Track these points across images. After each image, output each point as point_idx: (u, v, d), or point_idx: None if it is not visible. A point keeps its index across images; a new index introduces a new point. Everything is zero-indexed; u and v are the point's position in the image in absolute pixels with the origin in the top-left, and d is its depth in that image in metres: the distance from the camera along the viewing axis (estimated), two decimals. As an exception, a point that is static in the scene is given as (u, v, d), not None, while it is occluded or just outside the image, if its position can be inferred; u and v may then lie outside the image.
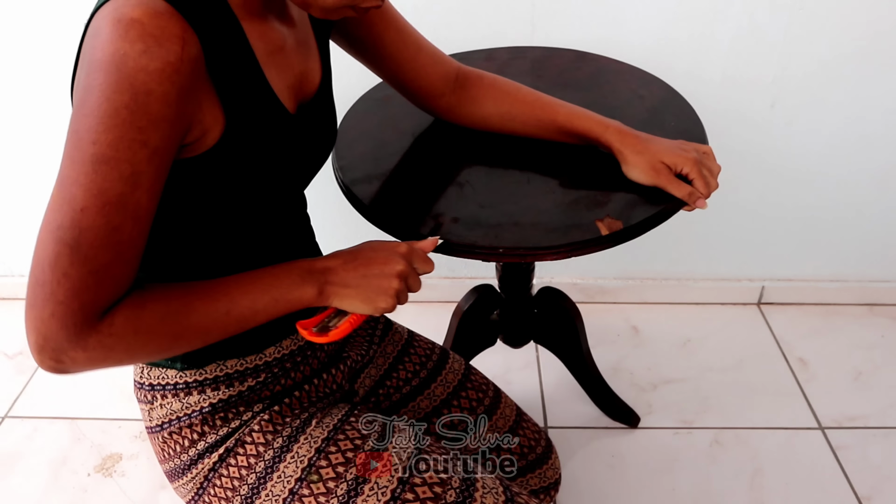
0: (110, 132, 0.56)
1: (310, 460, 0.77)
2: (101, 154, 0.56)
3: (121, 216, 0.58)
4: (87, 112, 0.56)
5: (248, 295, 0.67)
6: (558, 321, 1.39)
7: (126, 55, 0.55)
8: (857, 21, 1.40)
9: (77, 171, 0.57)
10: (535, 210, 0.86)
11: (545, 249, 0.81)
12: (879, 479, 1.39)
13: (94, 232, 0.57)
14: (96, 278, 0.58)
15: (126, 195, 0.58)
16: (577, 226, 0.83)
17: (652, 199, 0.86)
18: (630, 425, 1.49)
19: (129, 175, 0.57)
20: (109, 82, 0.56)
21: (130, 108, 0.56)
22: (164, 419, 0.80)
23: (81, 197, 0.57)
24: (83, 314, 0.59)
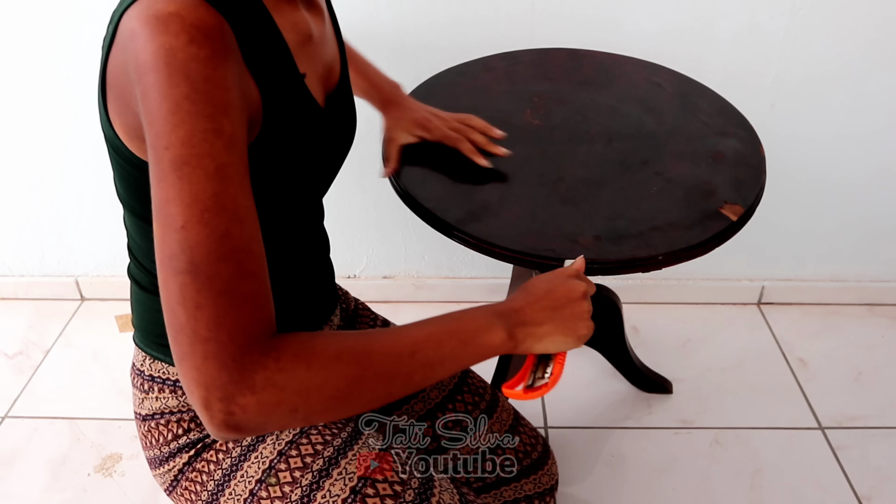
0: (179, 129, 0.52)
1: (271, 462, 0.77)
2: (178, 156, 0.52)
3: (224, 219, 0.53)
4: (151, 119, 0.53)
5: (433, 338, 0.61)
6: (603, 312, 1.40)
7: (173, 47, 0.53)
8: (858, 21, 1.40)
9: (163, 187, 0.53)
10: (659, 211, 0.87)
11: (697, 247, 0.83)
12: (879, 480, 1.39)
13: (204, 246, 0.52)
14: (230, 299, 0.52)
15: (219, 194, 0.53)
16: (708, 218, 0.85)
17: (749, 176, 0.90)
18: (668, 392, 1.54)
19: (215, 170, 0.53)
20: (162, 79, 0.52)
21: (192, 98, 0.52)
22: (156, 411, 0.80)
23: (177, 213, 0.52)
24: (237, 345, 0.52)
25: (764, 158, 0.92)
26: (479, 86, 1.14)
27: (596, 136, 1.00)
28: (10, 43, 1.50)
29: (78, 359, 1.72)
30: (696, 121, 0.99)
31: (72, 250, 1.82)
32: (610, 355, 1.49)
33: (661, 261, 0.81)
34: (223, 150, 0.53)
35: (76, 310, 1.86)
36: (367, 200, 1.64)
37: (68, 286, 1.87)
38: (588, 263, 0.75)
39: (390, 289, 1.81)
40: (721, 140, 0.95)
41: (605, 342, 1.47)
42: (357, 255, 1.77)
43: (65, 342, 1.77)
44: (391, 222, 1.69)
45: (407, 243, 1.74)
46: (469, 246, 0.85)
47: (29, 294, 1.88)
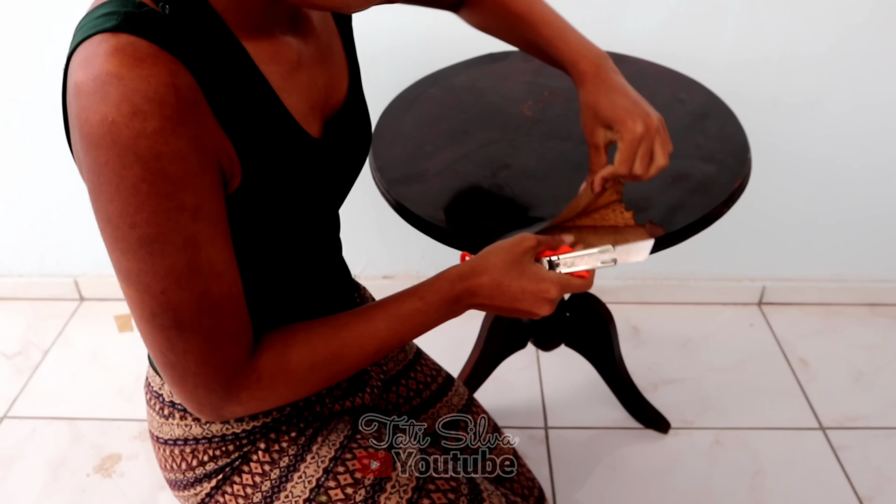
0: (141, 211, 0.51)
1: (318, 480, 0.75)
2: (146, 235, 0.52)
3: (201, 280, 0.55)
4: (108, 197, 0.51)
5: (397, 336, 0.67)
6: (591, 325, 1.39)
7: (115, 123, 0.48)
8: (858, 21, 1.39)
9: (134, 259, 0.53)
10: None
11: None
12: (881, 480, 1.38)
13: (186, 306, 0.55)
14: (215, 342, 0.57)
15: (193, 261, 0.54)
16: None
17: (693, 203, 0.87)
18: (660, 431, 1.49)
19: (184, 242, 0.53)
20: (112, 159, 0.49)
21: (147, 179, 0.50)
22: (178, 437, 0.77)
23: (154, 282, 0.54)
24: (223, 375, 0.59)
25: (737, 190, 0.88)
26: (507, 72, 1.15)
27: (574, 136, 1.00)
28: (9, 43, 1.49)
29: (77, 359, 1.71)
30: (691, 142, 0.98)
31: (71, 250, 1.81)
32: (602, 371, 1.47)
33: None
34: (189, 222, 0.53)
35: (75, 310, 1.86)
36: (367, 200, 1.64)
37: (67, 286, 1.86)
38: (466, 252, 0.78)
39: (390, 289, 1.78)
40: (699, 164, 0.93)
41: (593, 355, 1.46)
42: (357, 255, 1.76)
43: (64, 342, 1.77)
44: (391, 222, 1.68)
45: (407, 243, 1.74)
46: (391, 205, 0.91)
47: (28, 294, 1.88)
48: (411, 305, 0.67)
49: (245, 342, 0.60)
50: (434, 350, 1.04)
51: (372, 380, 0.87)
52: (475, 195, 0.90)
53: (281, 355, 0.63)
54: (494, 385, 1.51)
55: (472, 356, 1.41)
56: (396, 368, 0.94)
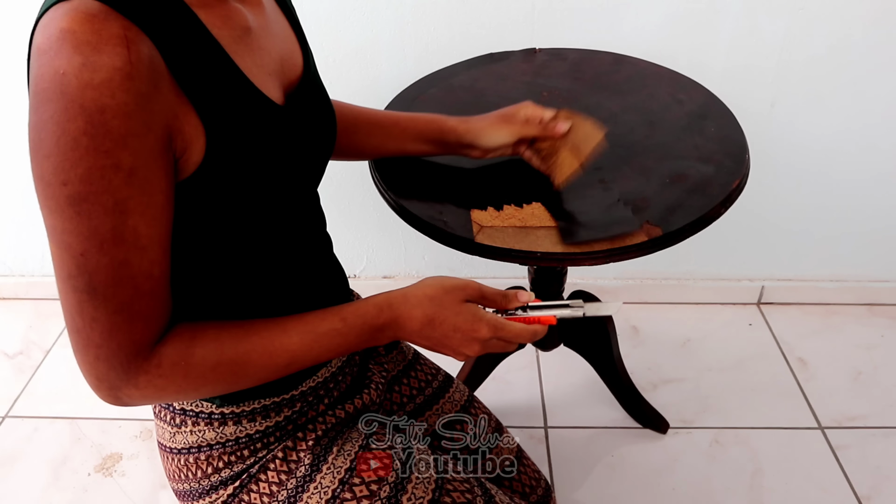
0: (77, 166, 0.51)
1: (333, 492, 0.75)
2: (76, 193, 0.51)
3: (122, 250, 0.54)
4: (48, 152, 0.51)
5: (311, 352, 0.65)
6: (590, 325, 1.39)
7: (66, 74, 0.49)
8: (858, 21, 1.40)
9: (60, 218, 0.53)
10: (576, 212, 0.86)
11: (582, 256, 0.81)
12: (879, 479, 1.39)
13: (102, 272, 0.54)
14: (124, 316, 0.57)
15: (119, 227, 0.53)
16: (620, 230, 0.83)
17: (691, 204, 0.87)
18: (659, 430, 1.49)
19: (113, 205, 0.52)
20: (58, 111, 0.50)
21: (89, 133, 0.50)
22: (191, 445, 0.76)
23: (75, 242, 0.53)
24: (125, 354, 0.58)
25: (735, 190, 0.89)
26: (506, 73, 1.16)
27: None
28: (9, 42, 1.50)
29: (78, 358, 1.72)
30: (688, 142, 0.98)
31: (72, 250, 1.82)
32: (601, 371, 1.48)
33: (539, 258, 0.81)
34: (122, 184, 0.52)
35: (76, 310, 1.86)
36: (367, 200, 1.64)
37: (68, 286, 1.86)
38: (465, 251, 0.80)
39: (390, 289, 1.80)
40: (697, 165, 0.93)
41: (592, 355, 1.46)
42: (357, 255, 1.77)
43: (65, 342, 1.77)
44: (391, 222, 1.69)
45: (407, 243, 1.74)
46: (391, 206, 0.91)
47: (29, 294, 1.88)
48: (330, 325, 0.65)
49: (155, 326, 0.59)
50: (434, 350, 1.04)
51: (375, 376, 0.87)
52: (475, 195, 0.91)
53: (186, 346, 0.61)
54: (494, 385, 1.52)
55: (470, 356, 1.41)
56: (397, 369, 0.94)
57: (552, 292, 1.29)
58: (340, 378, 0.82)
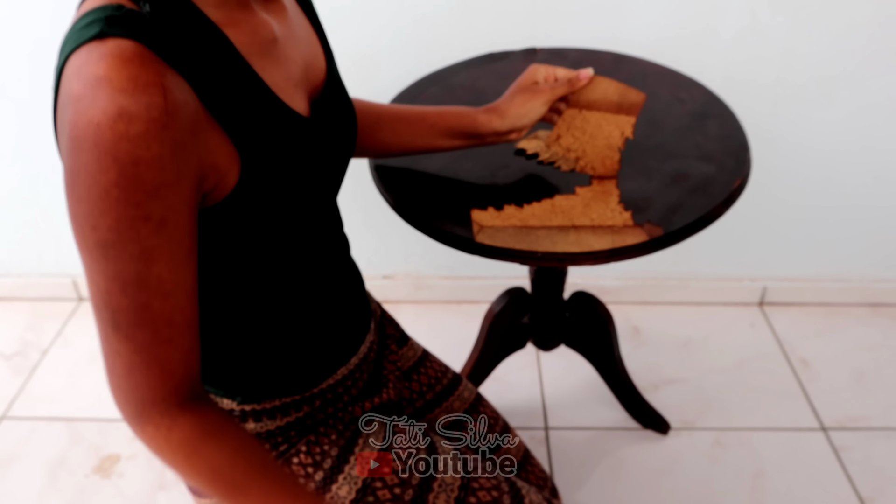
0: (106, 216, 0.51)
1: (364, 481, 0.76)
2: (104, 239, 0.52)
3: (144, 294, 0.55)
4: (79, 197, 0.52)
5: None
6: (591, 326, 1.38)
7: (100, 126, 0.49)
8: (858, 21, 1.39)
9: (88, 257, 0.54)
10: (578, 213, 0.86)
11: (585, 255, 0.80)
12: (882, 481, 1.38)
13: (124, 312, 0.55)
14: (143, 358, 0.57)
15: (143, 273, 0.54)
16: (621, 230, 0.82)
17: (692, 204, 0.86)
18: (661, 431, 1.48)
19: (139, 253, 0.53)
20: (91, 161, 0.50)
21: (120, 185, 0.50)
22: None
23: (101, 281, 0.54)
24: (140, 396, 0.58)
25: (736, 190, 0.88)
26: (507, 72, 1.15)
27: None
28: (10, 42, 1.49)
29: (76, 359, 1.71)
30: (690, 142, 0.97)
31: (69, 250, 1.81)
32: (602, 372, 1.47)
33: (540, 258, 0.80)
34: (151, 234, 0.53)
35: (74, 310, 1.85)
36: (368, 200, 1.63)
37: (66, 286, 1.86)
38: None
39: (390, 289, 1.80)
40: (698, 164, 0.92)
41: (593, 355, 1.45)
42: (357, 255, 1.75)
43: (63, 342, 1.76)
44: (391, 222, 1.68)
45: (407, 243, 1.74)
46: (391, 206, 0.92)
47: (26, 294, 1.87)
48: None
49: (173, 376, 0.58)
50: (434, 350, 1.03)
51: (390, 374, 0.88)
52: (475, 195, 0.90)
53: (203, 434, 0.60)
54: (494, 385, 1.51)
55: (471, 356, 1.41)
56: (407, 365, 0.95)
57: (553, 293, 1.28)
58: (358, 375, 0.83)
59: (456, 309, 1.80)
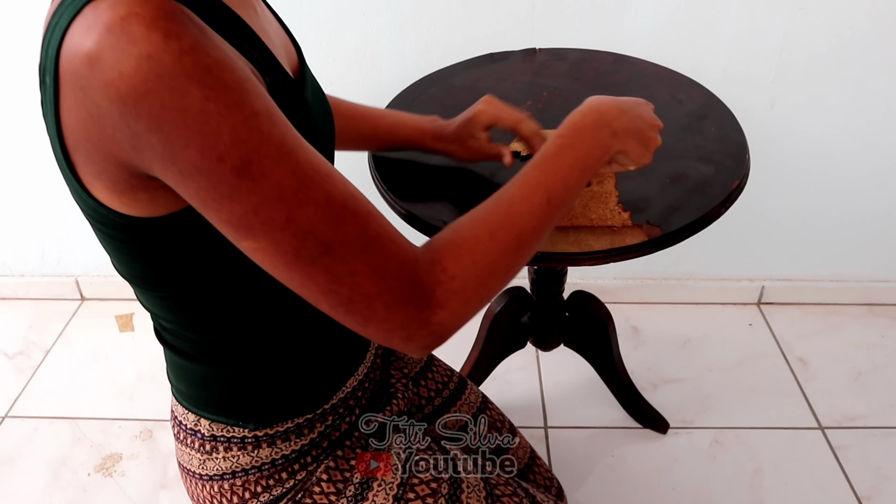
0: (222, 134, 0.46)
1: (395, 497, 0.74)
2: (238, 160, 0.46)
3: (316, 187, 0.50)
4: (183, 143, 0.45)
5: (558, 179, 0.62)
6: (590, 326, 1.39)
7: (153, 55, 0.44)
8: (858, 21, 1.40)
9: (244, 197, 0.47)
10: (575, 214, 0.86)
11: (582, 256, 0.81)
12: (879, 479, 1.39)
13: (318, 222, 0.49)
14: (373, 248, 0.52)
15: (296, 170, 0.49)
16: (620, 230, 0.83)
17: (691, 204, 0.87)
18: (660, 431, 1.49)
19: (277, 151, 0.48)
20: (166, 95, 0.44)
21: (210, 97, 0.45)
22: (225, 471, 0.73)
23: (276, 213, 0.48)
24: (405, 279, 0.53)
25: (735, 191, 0.89)
26: (506, 72, 1.16)
27: None
28: (9, 42, 1.50)
29: (78, 359, 1.72)
30: (689, 142, 0.98)
31: (72, 250, 1.82)
32: (601, 371, 1.48)
33: (539, 258, 0.80)
34: (271, 128, 0.48)
35: (76, 310, 1.86)
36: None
37: (68, 286, 1.87)
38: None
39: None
40: (697, 165, 0.93)
41: (592, 355, 1.46)
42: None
43: (65, 342, 1.77)
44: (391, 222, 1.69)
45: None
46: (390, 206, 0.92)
47: (29, 294, 1.88)
48: (554, 145, 0.64)
49: (400, 238, 0.54)
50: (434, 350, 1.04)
51: (398, 384, 0.87)
52: (474, 195, 0.91)
53: (452, 238, 0.57)
54: (494, 385, 1.52)
55: (471, 356, 1.41)
56: (414, 371, 0.94)
57: (552, 293, 1.29)
58: (367, 385, 0.81)
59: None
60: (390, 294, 0.52)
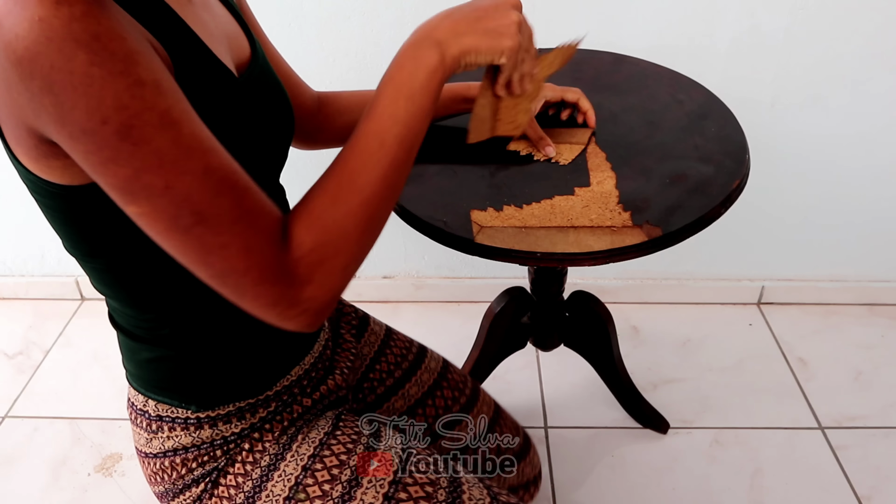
0: (105, 98, 0.47)
1: (296, 479, 0.75)
2: (120, 123, 0.48)
3: (196, 158, 0.51)
4: (71, 104, 0.47)
5: (385, 116, 0.59)
6: (590, 326, 1.39)
7: (43, 19, 0.45)
8: (858, 21, 1.40)
9: (125, 160, 0.49)
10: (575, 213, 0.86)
11: (582, 256, 0.81)
12: (879, 479, 1.39)
13: (194, 191, 0.51)
14: (245, 222, 0.53)
15: (177, 139, 0.50)
16: (620, 230, 0.83)
17: (691, 204, 0.87)
18: (660, 430, 1.49)
19: (159, 120, 0.49)
20: (55, 57, 0.46)
21: (95, 62, 0.47)
22: (168, 449, 0.76)
23: (154, 178, 0.50)
24: (272, 256, 0.54)
25: (735, 191, 0.89)
26: None
27: None
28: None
29: (78, 358, 1.72)
30: (689, 142, 0.97)
31: (72, 250, 1.82)
32: (601, 371, 1.48)
33: (539, 258, 0.80)
34: (155, 97, 0.49)
35: (76, 309, 1.86)
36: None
37: (68, 286, 1.87)
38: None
39: (390, 289, 1.81)
40: (697, 165, 0.93)
41: (592, 355, 1.46)
42: (357, 254, 1.76)
43: (65, 342, 1.77)
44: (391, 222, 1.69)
45: (407, 243, 1.74)
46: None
47: (29, 294, 1.88)
48: (382, 82, 0.61)
49: (271, 214, 0.55)
50: (434, 350, 1.04)
51: (340, 363, 0.88)
52: (474, 195, 0.91)
53: (302, 209, 0.57)
54: (494, 385, 1.52)
55: (471, 356, 1.41)
56: (373, 350, 0.95)
57: (552, 293, 1.29)
58: (313, 374, 0.83)
59: (456, 309, 1.81)
60: (258, 271, 0.54)
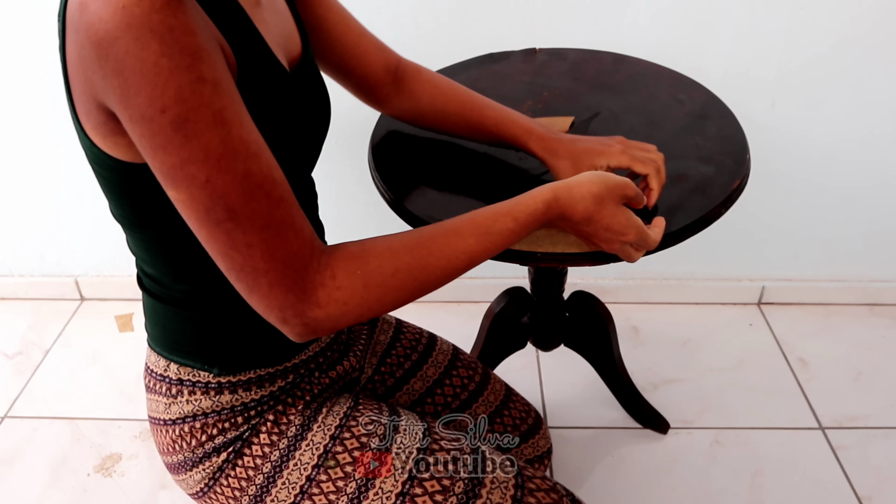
0: (167, 88, 0.52)
1: (325, 447, 0.78)
2: (176, 115, 0.52)
3: (240, 161, 0.55)
4: (136, 89, 0.52)
5: (487, 251, 0.67)
6: (590, 326, 1.39)
7: (125, 7, 0.50)
8: (858, 21, 1.40)
9: (172, 150, 0.53)
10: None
11: (582, 256, 0.80)
12: (880, 480, 1.39)
13: (232, 190, 0.55)
14: (273, 231, 0.57)
15: (226, 139, 0.54)
16: None
17: (691, 204, 0.86)
18: (660, 431, 1.49)
19: (213, 118, 0.53)
20: (131, 44, 0.51)
21: (165, 53, 0.51)
22: (188, 414, 0.78)
23: (197, 170, 0.54)
24: (293, 269, 0.58)
25: (735, 191, 0.89)
26: (506, 72, 1.15)
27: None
28: (8, 43, 1.50)
29: (78, 359, 1.72)
30: (689, 142, 0.97)
31: (71, 250, 1.82)
32: (601, 372, 1.48)
33: (540, 258, 0.80)
34: (213, 96, 0.53)
35: (76, 310, 1.86)
36: (368, 200, 1.64)
37: (68, 286, 1.87)
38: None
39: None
40: (698, 165, 0.92)
41: (592, 355, 1.46)
42: (357, 254, 1.76)
43: (64, 342, 1.77)
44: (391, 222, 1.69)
45: (407, 243, 1.74)
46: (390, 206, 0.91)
47: (29, 294, 1.88)
48: (504, 225, 0.67)
49: (305, 233, 0.59)
50: (434, 350, 1.04)
51: (355, 345, 0.92)
52: (474, 196, 0.91)
53: (358, 256, 0.61)
54: (494, 385, 1.52)
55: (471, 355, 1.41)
56: (386, 340, 0.99)
57: (552, 293, 1.29)
58: (329, 353, 0.86)
59: (456, 309, 1.80)
60: (276, 274, 0.58)
